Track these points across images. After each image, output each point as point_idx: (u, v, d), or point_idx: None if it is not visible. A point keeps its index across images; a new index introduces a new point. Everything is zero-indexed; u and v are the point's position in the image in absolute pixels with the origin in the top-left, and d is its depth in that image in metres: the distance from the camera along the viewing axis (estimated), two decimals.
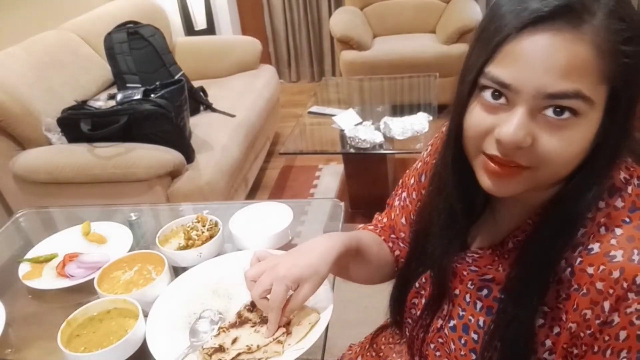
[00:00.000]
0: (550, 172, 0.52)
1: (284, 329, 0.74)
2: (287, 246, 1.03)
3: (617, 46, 0.47)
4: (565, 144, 0.49)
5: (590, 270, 0.51)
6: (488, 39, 0.51)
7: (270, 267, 0.68)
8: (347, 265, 0.78)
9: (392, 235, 0.86)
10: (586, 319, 0.51)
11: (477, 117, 0.53)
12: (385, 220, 0.88)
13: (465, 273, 0.64)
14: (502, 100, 0.51)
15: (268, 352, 0.71)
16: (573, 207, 0.53)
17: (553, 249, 0.54)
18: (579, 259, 0.52)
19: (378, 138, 2.14)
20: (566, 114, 0.48)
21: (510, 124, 0.49)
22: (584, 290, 0.51)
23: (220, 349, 0.73)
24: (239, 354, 0.71)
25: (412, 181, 0.81)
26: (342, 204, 1.18)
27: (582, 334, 0.52)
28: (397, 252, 0.85)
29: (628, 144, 0.53)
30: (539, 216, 0.58)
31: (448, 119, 0.60)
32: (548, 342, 0.56)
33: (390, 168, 2.48)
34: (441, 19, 3.47)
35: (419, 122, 2.20)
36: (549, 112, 0.49)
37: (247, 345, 0.72)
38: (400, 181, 0.85)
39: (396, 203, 0.85)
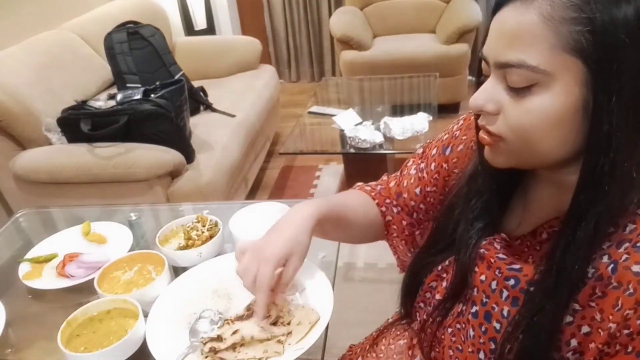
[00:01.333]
0: (522, 144, 0.53)
1: (285, 329, 0.74)
2: None
3: (572, 14, 0.47)
4: (525, 113, 0.51)
5: (635, 268, 0.49)
6: None
7: (255, 253, 0.69)
8: (328, 229, 0.78)
9: (387, 200, 0.85)
10: (627, 318, 0.49)
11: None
12: (392, 184, 0.86)
13: (492, 260, 0.63)
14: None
15: (268, 352, 0.71)
16: (598, 199, 0.51)
17: (590, 245, 0.52)
18: (624, 256, 0.50)
19: (378, 138, 2.14)
20: (522, 84, 0.50)
21: (476, 91, 0.55)
22: (630, 290, 0.49)
23: (218, 338, 0.73)
24: (233, 345, 0.72)
25: (434, 152, 0.80)
26: None
27: (618, 334, 0.50)
28: (388, 218, 0.84)
29: None
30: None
31: None
32: (574, 342, 0.54)
33: (390, 168, 2.48)
34: (441, 19, 3.47)
35: (419, 122, 2.20)
36: (509, 81, 0.51)
37: (241, 336, 0.72)
38: (420, 150, 0.83)
39: (412, 171, 0.83)
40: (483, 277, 0.64)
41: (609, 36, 0.46)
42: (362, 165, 2.47)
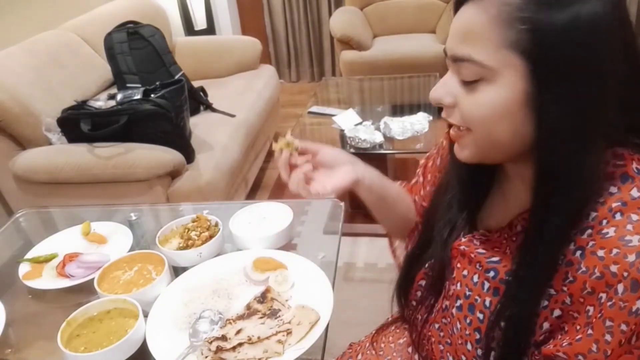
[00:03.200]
0: (481, 134, 0.56)
1: (286, 326, 0.74)
2: (288, 246, 1.04)
3: (514, 14, 0.50)
4: (475, 105, 0.55)
5: (600, 253, 0.51)
6: None
7: None
8: (373, 201, 0.81)
9: (416, 198, 0.88)
10: (601, 302, 0.51)
11: None
12: (417, 180, 0.90)
13: (473, 255, 0.65)
14: None
15: (268, 352, 0.72)
16: (557, 191, 0.53)
17: (560, 233, 0.54)
18: (591, 242, 0.52)
19: (378, 138, 2.14)
20: (471, 77, 0.54)
21: (435, 85, 0.59)
22: (597, 274, 0.51)
23: (223, 338, 0.73)
24: (240, 344, 0.72)
25: (430, 164, 0.85)
26: (342, 204, 1.18)
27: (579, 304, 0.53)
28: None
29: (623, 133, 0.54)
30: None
31: None
32: (546, 325, 0.56)
33: (390, 168, 2.48)
34: (441, 19, 3.47)
35: (419, 122, 2.20)
36: (461, 75, 0.55)
37: (248, 336, 0.72)
38: (423, 161, 0.88)
39: (429, 178, 0.86)
40: (465, 272, 0.66)
41: (547, 37, 0.49)
42: None
